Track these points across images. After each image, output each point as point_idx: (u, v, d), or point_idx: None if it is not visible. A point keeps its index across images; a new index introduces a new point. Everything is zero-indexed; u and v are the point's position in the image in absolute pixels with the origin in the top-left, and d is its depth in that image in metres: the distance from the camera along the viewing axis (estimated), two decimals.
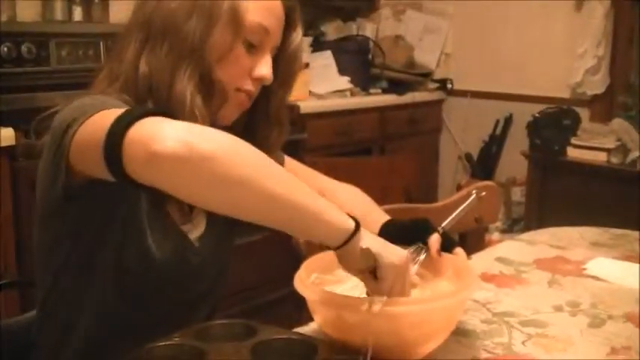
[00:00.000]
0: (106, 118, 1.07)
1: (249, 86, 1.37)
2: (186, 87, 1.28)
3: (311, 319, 1.33)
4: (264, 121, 1.47)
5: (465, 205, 1.49)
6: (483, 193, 1.57)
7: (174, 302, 1.40)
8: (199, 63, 1.30)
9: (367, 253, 1.13)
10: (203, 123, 1.24)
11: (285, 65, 1.44)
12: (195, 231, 1.41)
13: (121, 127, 1.03)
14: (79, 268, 1.32)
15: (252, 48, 1.35)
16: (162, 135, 1.00)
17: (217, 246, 1.45)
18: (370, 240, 1.15)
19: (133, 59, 1.32)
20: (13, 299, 2.36)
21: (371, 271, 1.15)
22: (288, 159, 1.59)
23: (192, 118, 1.26)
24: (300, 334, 1.28)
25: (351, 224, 1.13)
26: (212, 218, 1.42)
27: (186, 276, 1.39)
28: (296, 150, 3.15)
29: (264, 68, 1.37)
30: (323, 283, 1.31)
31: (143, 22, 1.33)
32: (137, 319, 1.35)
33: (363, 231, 1.15)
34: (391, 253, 1.16)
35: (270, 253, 2.39)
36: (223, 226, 1.44)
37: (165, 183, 1.03)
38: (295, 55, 1.45)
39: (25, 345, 1.43)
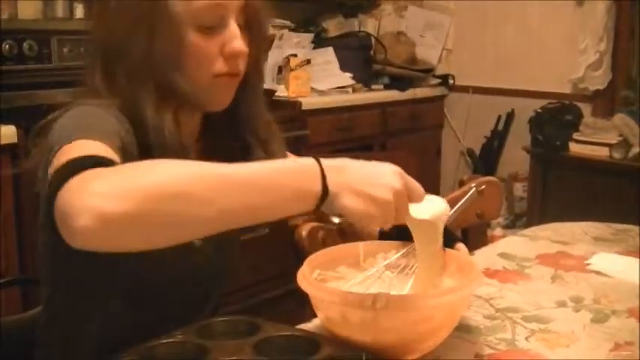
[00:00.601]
0: (70, 154, 1.05)
1: (226, 68, 1.33)
2: (156, 112, 1.26)
3: (314, 316, 1.33)
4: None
5: (464, 199, 1.48)
6: (482, 187, 1.57)
7: (178, 301, 1.39)
8: (160, 78, 1.27)
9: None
10: (184, 140, 1.26)
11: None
12: None
13: (52, 190, 1.00)
14: (79, 268, 1.32)
15: (211, 29, 1.30)
16: (76, 210, 0.94)
17: (221, 243, 1.44)
18: (346, 198, 1.06)
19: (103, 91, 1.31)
20: (15, 297, 2.36)
21: None
22: (290, 156, 1.58)
23: (172, 142, 1.25)
24: (303, 330, 1.28)
25: (315, 189, 1.05)
26: None
27: (189, 275, 1.39)
28: (297, 146, 3.16)
29: (234, 42, 1.31)
30: (326, 280, 1.31)
31: (96, 50, 1.33)
32: (142, 319, 1.34)
33: (335, 183, 1.06)
34: (369, 207, 1.07)
35: (273, 249, 2.39)
36: None
37: (101, 249, 0.99)
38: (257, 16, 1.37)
39: (27, 343, 1.43)
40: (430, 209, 1.21)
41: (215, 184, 1.00)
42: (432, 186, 4.63)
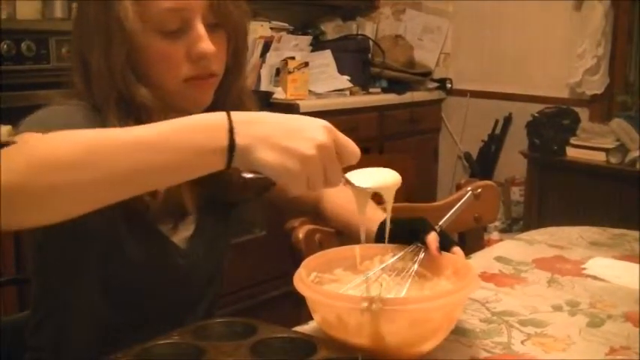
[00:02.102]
0: None
1: (195, 71, 1.30)
2: (118, 123, 1.24)
3: (310, 318, 1.33)
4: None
5: (461, 202, 1.48)
6: (479, 191, 1.57)
7: (165, 305, 1.39)
8: (121, 88, 1.26)
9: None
10: None
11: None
12: (184, 232, 1.39)
13: None
14: (64, 273, 1.31)
15: (176, 32, 1.28)
16: None
17: (209, 246, 1.43)
18: (260, 152, 1.01)
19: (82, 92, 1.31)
20: (12, 297, 2.36)
21: None
22: None
23: None
24: (300, 332, 1.28)
25: (221, 143, 1.00)
26: (202, 218, 1.41)
27: (174, 279, 1.38)
28: None
29: (200, 44, 1.28)
30: (322, 282, 1.31)
31: (74, 54, 1.33)
32: (129, 323, 1.34)
33: (245, 137, 1.01)
34: (286, 161, 1.01)
35: (269, 251, 2.39)
36: (215, 225, 1.43)
37: (6, 225, 0.96)
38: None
39: (23, 344, 1.43)
40: (376, 179, 1.16)
41: (105, 147, 0.97)
42: (429, 189, 4.64)
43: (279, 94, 3.83)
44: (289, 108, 3.68)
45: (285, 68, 3.84)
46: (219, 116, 1.02)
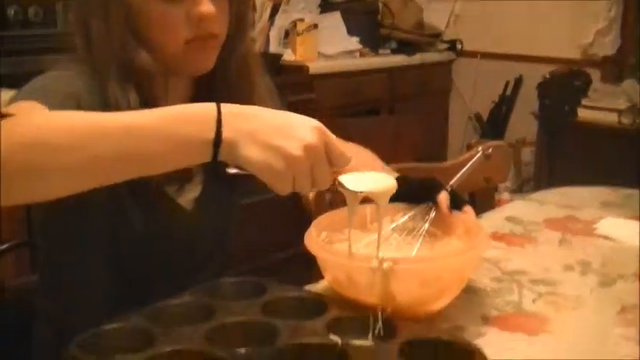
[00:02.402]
0: None
1: (195, 33, 1.27)
2: (120, 90, 1.23)
3: (321, 278, 1.33)
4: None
5: (471, 162, 1.47)
6: (490, 151, 1.56)
7: (171, 268, 1.38)
8: (121, 55, 1.25)
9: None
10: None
11: None
12: (190, 193, 1.38)
13: None
14: (69, 236, 1.31)
15: None
16: None
17: (216, 207, 1.43)
18: (246, 149, 0.98)
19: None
20: (24, 260, 2.37)
21: None
22: None
23: None
24: (310, 292, 1.29)
25: (207, 136, 0.97)
26: (209, 179, 1.41)
27: (179, 241, 1.38)
28: (304, 111, 3.13)
29: (200, 5, 1.25)
30: (333, 242, 1.31)
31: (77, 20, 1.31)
32: (136, 286, 1.34)
33: (233, 131, 0.98)
34: (272, 158, 0.98)
35: (280, 212, 2.38)
36: (222, 186, 1.42)
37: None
38: None
39: (33, 306, 1.43)
40: (369, 183, 1.13)
41: (89, 131, 0.95)
42: (440, 150, 4.63)
43: (288, 55, 3.81)
44: (299, 69, 3.66)
45: (294, 30, 3.82)
46: (209, 107, 0.99)
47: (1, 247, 1.54)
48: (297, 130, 0.99)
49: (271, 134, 0.98)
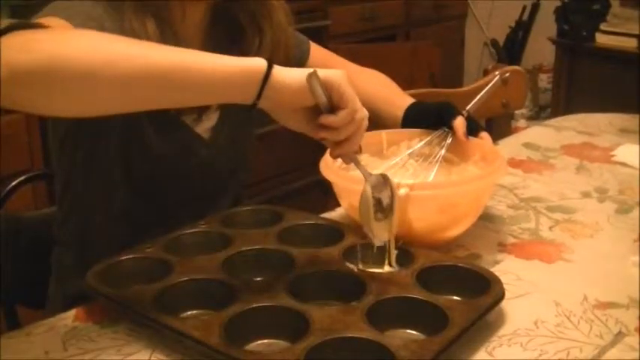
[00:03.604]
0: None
1: None
2: (135, 17, 1.21)
3: (337, 205, 1.33)
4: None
5: (489, 87, 1.45)
6: (507, 75, 1.54)
7: (188, 196, 1.38)
8: None
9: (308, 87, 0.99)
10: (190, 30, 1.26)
11: None
12: (207, 122, 1.37)
13: None
14: (86, 167, 1.31)
15: None
16: None
17: (233, 136, 1.42)
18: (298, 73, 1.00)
19: None
20: (42, 192, 2.38)
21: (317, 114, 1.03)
22: (313, 45, 1.55)
23: None
24: (327, 219, 1.29)
25: (259, 66, 0.99)
26: (226, 108, 1.39)
27: (196, 169, 1.37)
28: (320, 37, 3.11)
29: None
30: (349, 168, 1.31)
31: None
32: (152, 215, 1.34)
33: (279, 71, 1.00)
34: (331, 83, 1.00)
35: (295, 140, 2.39)
36: (239, 114, 1.40)
37: (13, 105, 0.93)
38: None
39: (48, 238, 1.44)
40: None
41: (134, 64, 0.95)
42: (456, 77, 4.59)
43: None
44: None
45: None
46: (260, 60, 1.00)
47: (19, 178, 1.54)
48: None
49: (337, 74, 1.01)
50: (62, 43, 0.93)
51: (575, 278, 1.14)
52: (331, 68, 1.02)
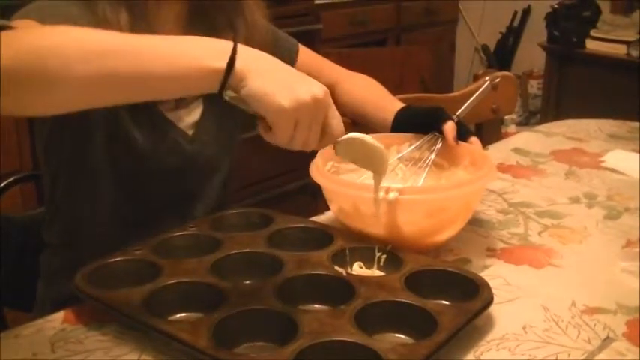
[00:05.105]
0: None
1: None
2: (110, 11, 1.21)
3: (327, 209, 1.33)
4: None
5: (479, 92, 1.46)
6: (497, 80, 1.55)
7: (173, 192, 1.39)
8: None
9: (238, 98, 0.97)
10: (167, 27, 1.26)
11: None
12: (190, 117, 1.38)
13: None
14: (71, 164, 1.31)
15: None
16: None
17: (216, 131, 1.42)
18: (256, 81, 0.96)
19: None
20: (30, 193, 2.37)
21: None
22: (302, 49, 1.55)
23: None
24: (316, 222, 1.29)
25: (220, 63, 0.95)
26: (209, 103, 1.39)
27: (180, 165, 1.37)
28: (311, 41, 3.11)
29: None
30: (339, 172, 1.31)
31: None
32: (139, 214, 1.35)
33: (245, 64, 0.96)
34: (281, 94, 0.95)
35: None
36: (223, 110, 1.40)
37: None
38: None
39: (37, 240, 1.44)
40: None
41: (101, 44, 0.94)
42: (446, 82, 4.59)
43: None
44: None
45: None
46: (226, 42, 0.98)
47: (7, 180, 1.54)
48: (310, 83, 0.98)
49: (284, 76, 0.98)
50: (32, 40, 0.92)
51: (563, 283, 1.14)
52: (320, 72, 1.02)
